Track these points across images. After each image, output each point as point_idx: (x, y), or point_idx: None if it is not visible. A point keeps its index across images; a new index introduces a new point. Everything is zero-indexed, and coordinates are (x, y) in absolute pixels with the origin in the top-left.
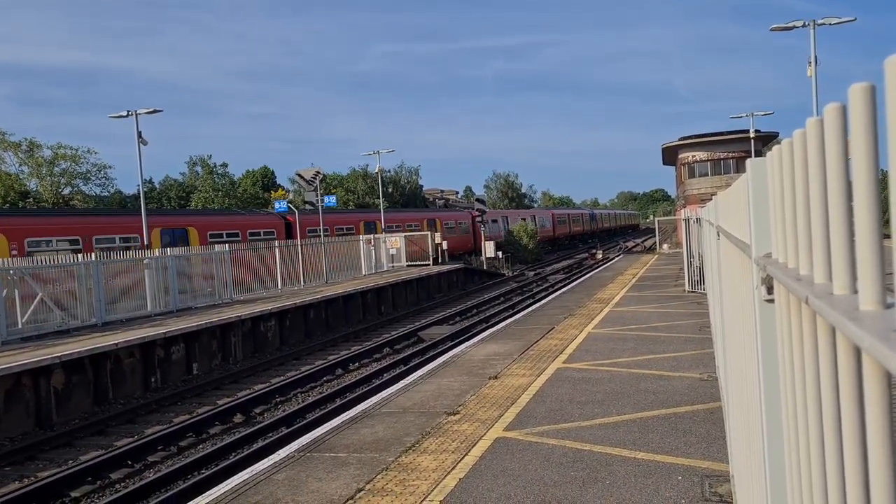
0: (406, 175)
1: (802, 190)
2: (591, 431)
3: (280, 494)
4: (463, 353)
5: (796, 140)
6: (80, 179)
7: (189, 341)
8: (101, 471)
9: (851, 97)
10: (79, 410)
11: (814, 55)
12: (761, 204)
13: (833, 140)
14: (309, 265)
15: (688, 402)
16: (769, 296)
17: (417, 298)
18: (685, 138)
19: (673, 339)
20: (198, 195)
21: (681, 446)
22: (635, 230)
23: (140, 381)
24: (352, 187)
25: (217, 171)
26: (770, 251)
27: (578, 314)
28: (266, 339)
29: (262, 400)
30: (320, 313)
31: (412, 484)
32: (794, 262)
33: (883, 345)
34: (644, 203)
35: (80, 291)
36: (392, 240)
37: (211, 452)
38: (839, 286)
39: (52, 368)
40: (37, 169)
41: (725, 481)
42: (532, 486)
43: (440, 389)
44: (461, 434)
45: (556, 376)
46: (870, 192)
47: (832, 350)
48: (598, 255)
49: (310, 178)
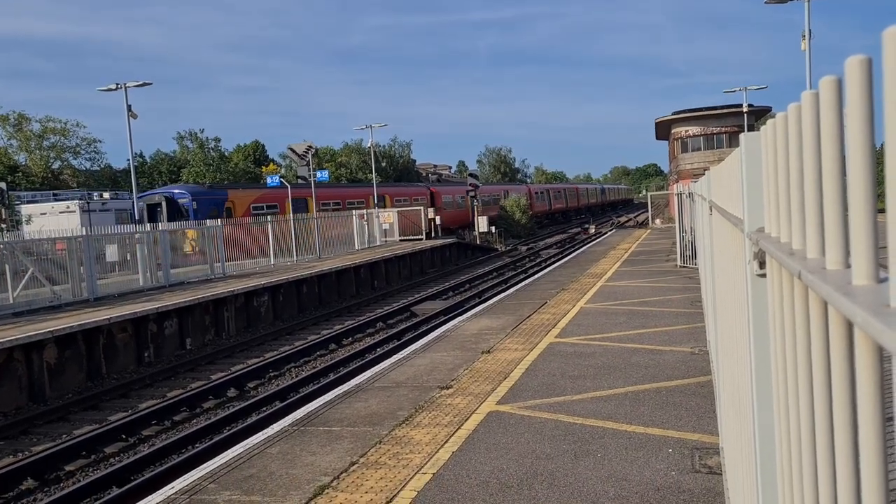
0: (399, 150)
1: (796, 164)
2: (582, 405)
3: (274, 468)
4: (456, 327)
5: (791, 114)
6: (69, 153)
7: (182, 316)
8: (96, 445)
9: (848, 70)
10: (72, 385)
11: (808, 28)
12: (754, 178)
13: (828, 114)
14: (301, 240)
15: (679, 376)
16: (761, 270)
17: (410, 273)
18: (678, 113)
19: (664, 313)
20: (189, 169)
21: (671, 419)
22: (628, 205)
23: (133, 356)
24: (344, 162)
25: (208, 145)
26: (763, 226)
27: (571, 289)
28: (259, 314)
29: (256, 374)
30: (313, 288)
31: (405, 457)
32: (786, 237)
33: (875, 319)
34: (637, 178)
35: (71, 267)
36: (385, 215)
37: (205, 426)
38: (832, 261)
39: (44, 343)
40: (25, 143)
41: (715, 453)
42: (524, 458)
43: (433, 364)
44: (454, 408)
45: (548, 350)
46: (865, 166)
47: (824, 324)
48: (590, 230)
49: (302, 153)
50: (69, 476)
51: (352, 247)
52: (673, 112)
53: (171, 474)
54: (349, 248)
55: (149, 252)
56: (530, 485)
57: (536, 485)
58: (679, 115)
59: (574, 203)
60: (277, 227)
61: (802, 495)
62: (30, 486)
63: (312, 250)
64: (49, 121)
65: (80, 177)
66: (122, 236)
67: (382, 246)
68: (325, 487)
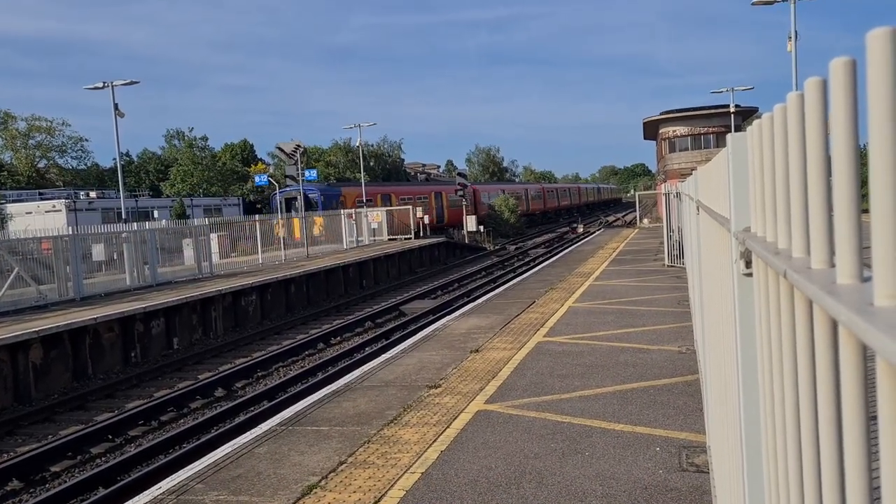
0: (388, 149)
1: (782, 164)
2: (571, 404)
3: (262, 468)
4: (444, 326)
5: (777, 115)
6: (55, 152)
7: (169, 316)
8: (82, 445)
9: (833, 72)
10: (58, 385)
11: (794, 30)
12: (741, 178)
13: (813, 115)
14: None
15: (666, 375)
16: (747, 269)
17: (399, 272)
18: (666, 113)
19: (652, 312)
20: (177, 168)
21: (659, 418)
22: (616, 204)
23: (120, 356)
24: (333, 161)
25: (196, 144)
26: (749, 225)
27: (559, 288)
28: (247, 314)
29: (244, 374)
30: (301, 287)
31: (394, 456)
32: (772, 237)
33: (859, 318)
34: (625, 178)
35: (57, 266)
36: (374, 214)
37: (192, 426)
38: (817, 260)
39: (30, 343)
40: (11, 141)
41: (702, 452)
42: (513, 457)
43: (422, 363)
44: (443, 407)
45: (536, 350)
46: (849, 167)
47: (809, 323)
48: (578, 229)
49: (290, 152)
50: (55, 477)
51: (340, 245)
52: (661, 112)
53: (158, 474)
54: (338, 246)
55: (136, 252)
56: (518, 484)
57: (525, 484)
58: (667, 115)
59: (577, 201)
60: (265, 225)
61: (788, 493)
62: (15, 486)
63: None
64: (35, 119)
65: (67, 176)
66: (108, 235)
67: (371, 245)
68: (313, 487)
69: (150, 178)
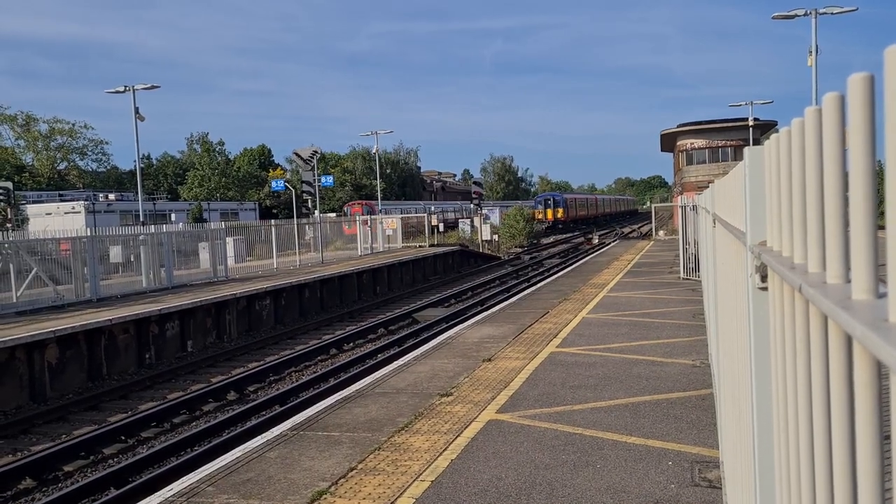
0: (404, 156)
1: (799, 179)
2: (583, 415)
3: (272, 472)
4: (457, 335)
5: (794, 129)
6: (76, 154)
7: (184, 318)
8: (95, 446)
9: (850, 87)
10: (73, 385)
11: (815, 44)
12: (758, 192)
13: (831, 130)
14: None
15: (680, 389)
16: (763, 284)
17: (413, 280)
18: (683, 125)
19: (666, 325)
20: (194, 173)
21: (672, 432)
22: (633, 216)
23: (134, 358)
24: (350, 167)
25: (214, 148)
26: (765, 239)
27: (573, 299)
28: (261, 318)
29: (256, 378)
30: (315, 293)
31: (404, 464)
32: (788, 251)
33: (874, 334)
34: (641, 189)
35: (75, 267)
36: (389, 221)
37: (204, 429)
38: (833, 275)
39: (46, 343)
40: (32, 143)
41: (715, 467)
42: (523, 468)
43: (434, 371)
44: (454, 415)
45: (549, 360)
46: (866, 182)
47: (824, 338)
48: (593, 240)
49: (307, 158)
50: (68, 476)
51: (355, 252)
52: (678, 124)
53: (169, 476)
54: (352, 253)
55: (153, 254)
56: (528, 494)
57: (535, 494)
58: (684, 127)
59: (610, 210)
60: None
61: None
62: (28, 485)
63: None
64: (57, 122)
65: (86, 178)
66: (126, 237)
67: (385, 252)
68: (323, 493)
69: (168, 182)
